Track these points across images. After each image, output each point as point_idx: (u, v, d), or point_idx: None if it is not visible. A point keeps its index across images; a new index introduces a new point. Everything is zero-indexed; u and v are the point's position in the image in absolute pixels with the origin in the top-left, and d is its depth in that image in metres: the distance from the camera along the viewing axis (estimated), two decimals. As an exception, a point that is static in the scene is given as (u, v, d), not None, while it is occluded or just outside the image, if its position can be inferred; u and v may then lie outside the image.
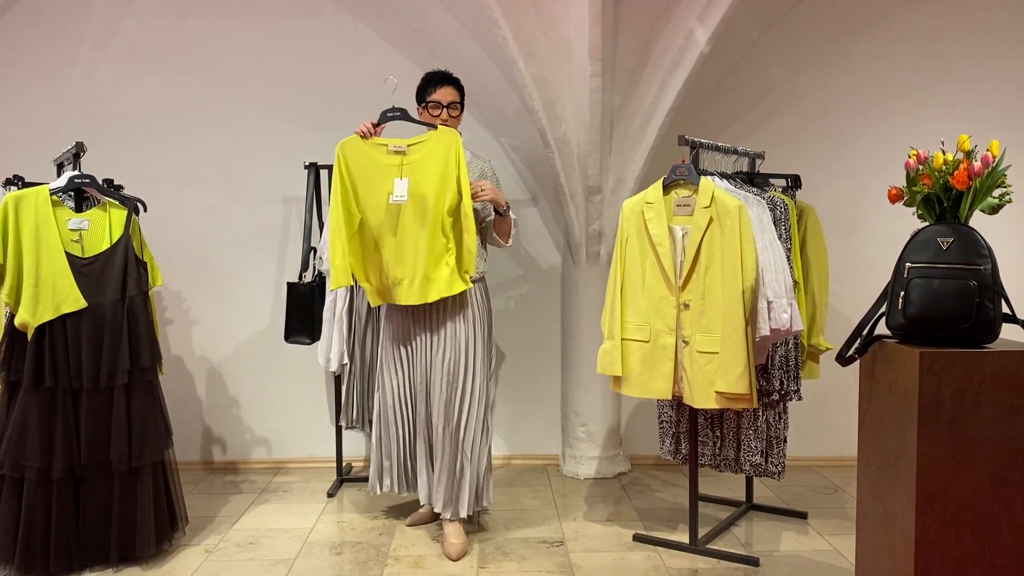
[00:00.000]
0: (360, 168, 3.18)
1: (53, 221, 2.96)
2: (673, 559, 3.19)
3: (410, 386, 3.31)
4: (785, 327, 2.98)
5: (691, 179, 3.08)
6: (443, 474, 3.23)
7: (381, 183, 3.16)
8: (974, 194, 2.33)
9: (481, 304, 3.33)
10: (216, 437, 4.49)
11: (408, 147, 3.18)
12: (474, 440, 3.24)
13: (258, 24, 4.35)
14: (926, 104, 4.39)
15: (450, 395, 3.23)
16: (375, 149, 3.19)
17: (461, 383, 3.23)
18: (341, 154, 3.19)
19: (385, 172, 3.17)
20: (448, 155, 3.14)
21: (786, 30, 4.39)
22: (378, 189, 3.16)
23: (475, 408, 3.25)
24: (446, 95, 3.31)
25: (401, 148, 3.18)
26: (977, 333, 2.26)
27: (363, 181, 3.18)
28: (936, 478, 2.23)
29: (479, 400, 3.26)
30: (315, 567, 3.13)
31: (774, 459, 3.36)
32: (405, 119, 3.25)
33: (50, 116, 4.30)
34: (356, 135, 3.20)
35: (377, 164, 3.17)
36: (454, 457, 3.23)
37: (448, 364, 3.22)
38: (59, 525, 2.93)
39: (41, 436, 2.89)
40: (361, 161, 3.18)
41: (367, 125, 3.21)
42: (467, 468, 3.23)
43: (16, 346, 2.95)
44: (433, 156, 3.15)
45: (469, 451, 3.23)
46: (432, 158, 3.15)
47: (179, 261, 4.33)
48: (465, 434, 3.23)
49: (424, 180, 3.14)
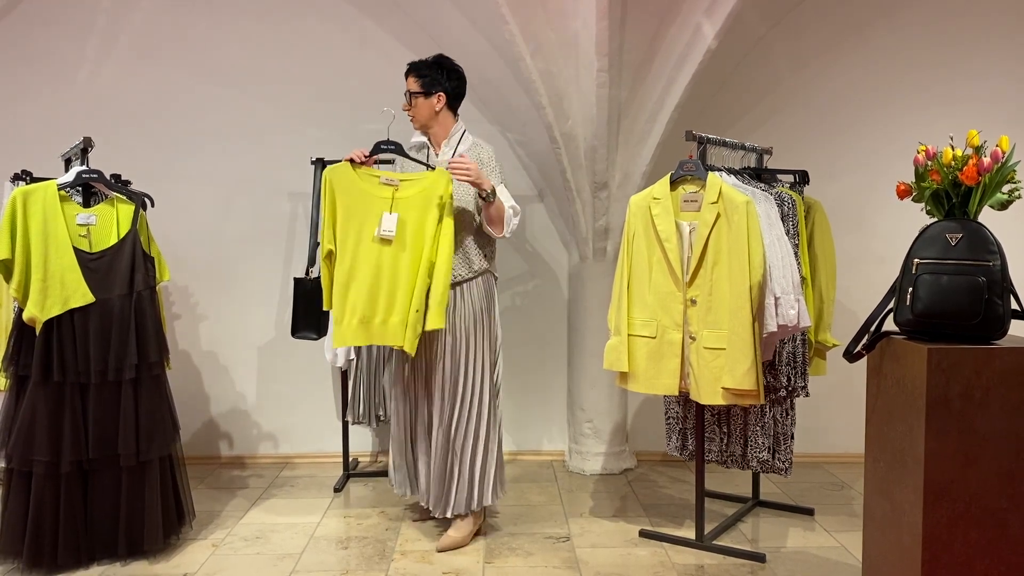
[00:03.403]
0: (347, 197, 3.05)
1: (61, 216, 2.96)
2: (679, 555, 3.19)
3: (414, 387, 3.29)
4: (792, 323, 2.98)
5: (698, 175, 3.07)
6: (434, 472, 3.22)
7: (368, 215, 3.05)
8: (983, 190, 2.32)
9: (482, 301, 3.24)
10: (223, 432, 4.50)
11: (400, 182, 3.08)
12: (466, 439, 3.19)
13: (264, 20, 4.35)
14: (935, 99, 4.37)
15: (444, 394, 3.19)
16: (365, 179, 3.07)
17: (460, 382, 3.19)
18: (328, 181, 3.05)
19: (374, 204, 3.05)
20: (440, 198, 3.04)
21: (793, 25, 4.37)
22: (364, 221, 3.05)
23: (469, 408, 3.19)
24: (407, 86, 3.25)
25: (393, 182, 3.07)
26: (986, 329, 2.25)
27: (349, 211, 3.05)
28: (944, 474, 2.23)
29: (475, 400, 3.19)
30: (321, 561, 3.14)
31: (781, 455, 3.36)
32: (399, 154, 3.18)
33: (57, 112, 4.32)
34: (346, 162, 3.07)
35: (366, 195, 3.06)
36: (444, 456, 3.21)
37: (445, 362, 3.19)
38: (67, 519, 2.95)
39: (49, 430, 2.91)
40: (349, 190, 3.05)
41: (359, 153, 3.08)
42: (456, 467, 3.19)
43: (24, 341, 2.96)
44: (425, 196, 3.05)
45: (459, 450, 3.19)
46: (424, 197, 3.05)
47: (186, 256, 4.35)
48: (456, 433, 3.19)
49: (413, 218, 3.04)
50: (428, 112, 3.24)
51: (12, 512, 2.94)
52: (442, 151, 3.28)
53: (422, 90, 3.22)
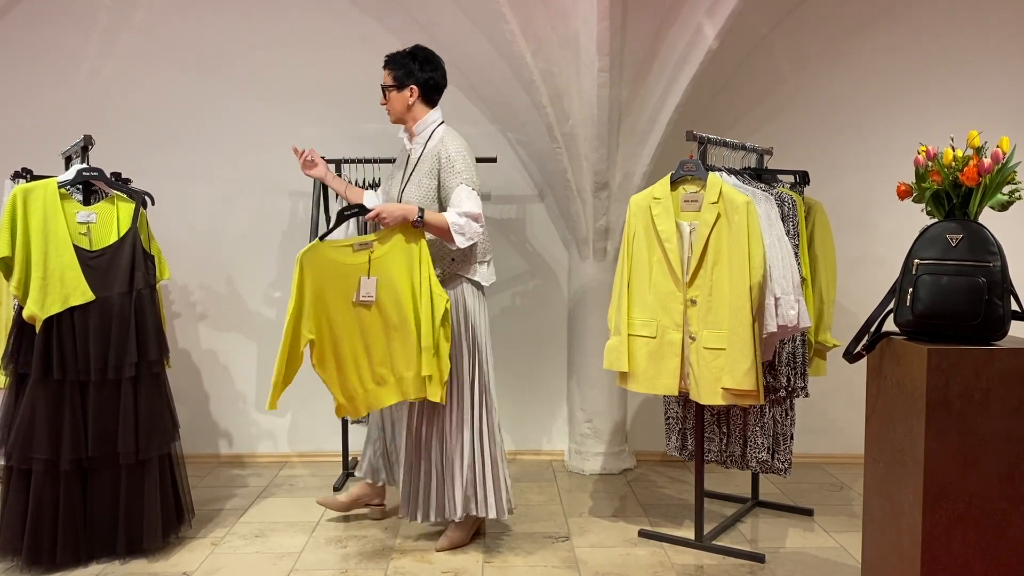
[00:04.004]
0: (324, 276, 2.95)
1: (61, 214, 2.96)
2: (678, 555, 3.19)
3: None
4: (792, 323, 2.98)
5: (699, 175, 3.07)
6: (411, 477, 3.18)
7: (347, 286, 2.97)
8: (984, 191, 2.32)
9: (464, 308, 3.15)
10: (223, 430, 4.50)
11: (374, 241, 2.98)
12: (444, 448, 3.12)
13: (265, 18, 4.35)
14: (935, 100, 4.37)
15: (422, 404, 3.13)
16: (337, 251, 2.97)
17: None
18: (300, 265, 2.93)
19: (351, 273, 2.97)
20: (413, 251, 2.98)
21: (794, 25, 4.37)
22: (344, 292, 2.97)
23: (446, 417, 3.11)
24: (383, 80, 3.19)
25: (367, 244, 2.98)
26: (986, 330, 2.25)
27: (327, 289, 2.95)
28: (943, 475, 2.23)
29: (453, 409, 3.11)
30: (321, 560, 3.14)
31: (780, 455, 3.36)
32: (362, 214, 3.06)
33: (58, 110, 4.32)
34: (316, 242, 2.96)
35: (341, 266, 2.96)
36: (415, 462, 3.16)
37: None
38: (66, 517, 2.95)
39: (49, 428, 2.91)
40: (324, 268, 2.95)
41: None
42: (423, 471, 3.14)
43: (24, 338, 2.96)
44: (400, 246, 2.98)
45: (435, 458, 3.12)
46: (400, 248, 2.98)
47: (187, 255, 4.35)
48: (426, 440, 3.13)
49: (393, 275, 2.97)
50: (402, 106, 3.16)
51: (11, 510, 2.94)
52: (414, 146, 3.20)
53: (394, 84, 3.15)
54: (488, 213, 4.44)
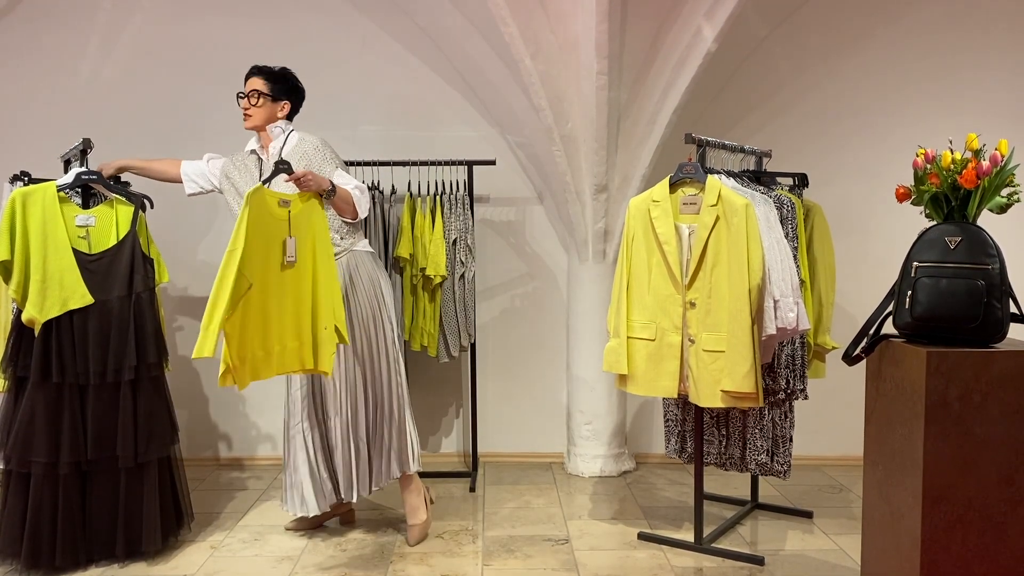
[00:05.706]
0: (260, 222, 2.77)
1: (60, 217, 2.96)
2: (678, 558, 3.19)
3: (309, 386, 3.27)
4: (791, 326, 2.98)
5: (698, 177, 3.07)
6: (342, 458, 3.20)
7: (275, 241, 2.84)
8: (982, 193, 2.32)
9: (368, 270, 3.23)
10: (222, 433, 4.50)
11: (292, 200, 2.91)
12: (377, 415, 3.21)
13: (265, 20, 4.35)
14: (934, 103, 4.37)
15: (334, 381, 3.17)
16: (271, 199, 2.83)
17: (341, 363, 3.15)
18: (248, 204, 2.72)
19: (277, 227, 2.84)
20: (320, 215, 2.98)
21: (794, 28, 4.37)
22: (273, 248, 2.84)
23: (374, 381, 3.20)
24: (253, 84, 3.22)
25: (287, 201, 2.89)
26: (984, 333, 2.25)
27: (261, 238, 2.77)
28: (942, 478, 2.23)
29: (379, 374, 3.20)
30: (320, 563, 3.13)
31: (780, 458, 3.36)
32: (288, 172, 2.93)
33: (57, 112, 4.32)
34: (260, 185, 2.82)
35: (270, 217, 2.82)
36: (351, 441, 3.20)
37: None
38: (65, 520, 2.94)
39: (48, 432, 2.90)
40: (262, 214, 2.78)
41: None
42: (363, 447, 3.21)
43: (23, 342, 2.97)
44: (308, 213, 2.95)
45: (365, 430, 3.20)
46: (307, 214, 2.94)
47: (186, 258, 4.34)
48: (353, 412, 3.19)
49: (303, 238, 2.93)
50: (269, 116, 3.23)
51: (11, 513, 2.94)
52: (271, 152, 3.24)
53: (271, 93, 3.22)
54: (487, 215, 4.47)
